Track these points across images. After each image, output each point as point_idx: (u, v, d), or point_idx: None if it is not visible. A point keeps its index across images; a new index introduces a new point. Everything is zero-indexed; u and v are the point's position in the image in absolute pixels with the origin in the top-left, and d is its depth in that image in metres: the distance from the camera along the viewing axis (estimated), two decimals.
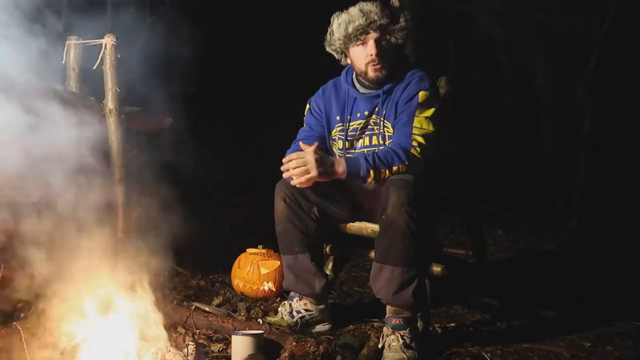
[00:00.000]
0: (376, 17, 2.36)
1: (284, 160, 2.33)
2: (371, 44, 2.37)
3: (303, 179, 2.26)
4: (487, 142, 6.63)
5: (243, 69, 6.44)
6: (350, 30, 2.39)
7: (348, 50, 2.46)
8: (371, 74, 2.41)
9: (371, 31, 2.37)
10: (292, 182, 2.31)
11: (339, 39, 2.44)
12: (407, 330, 2.24)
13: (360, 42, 2.40)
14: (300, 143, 2.38)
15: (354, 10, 2.40)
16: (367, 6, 2.38)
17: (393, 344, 2.21)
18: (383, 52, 2.38)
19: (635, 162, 5.97)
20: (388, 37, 2.39)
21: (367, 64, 2.40)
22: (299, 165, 2.26)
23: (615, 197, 5.79)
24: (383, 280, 2.25)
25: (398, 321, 2.25)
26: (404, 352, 2.19)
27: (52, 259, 2.08)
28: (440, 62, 6.73)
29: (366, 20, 2.36)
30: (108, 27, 2.97)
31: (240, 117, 6.11)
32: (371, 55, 2.38)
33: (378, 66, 2.39)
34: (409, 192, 2.18)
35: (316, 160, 2.24)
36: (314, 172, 2.24)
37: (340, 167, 2.26)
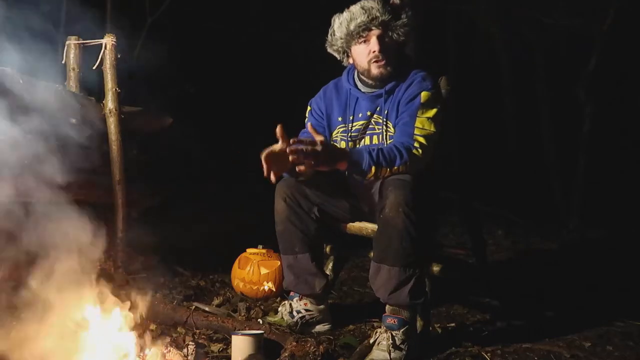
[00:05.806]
0: (378, 14, 2.35)
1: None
2: (374, 40, 2.36)
3: (308, 161, 2.08)
4: (488, 142, 6.64)
5: (244, 69, 6.45)
6: (352, 27, 2.37)
7: (350, 49, 2.44)
8: (374, 71, 2.39)
9: (373, 27, 2.36)
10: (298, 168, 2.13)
11: (341, 38, 2.43)
12: (401, 331, 2.22)
13: (362, 39, 2.38)
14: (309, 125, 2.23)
15: (355, 8, 2.38)
16: (369, 3, 2.37)
17: (382, 342, 2.20)
18: (386, 48, 2.36)
19: (635, 162, 5.97)
20: (390, 33, 2.38)
21: (369, 61, 2.38)
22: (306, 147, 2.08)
23: (615, 196, 5.80)
24: (381, 280, 2.25)
25: (393, 321, 2.24)
26: (389, 353, 2.17)
27: (50, 260, 2.08)
28: (440, 62, 6.74)
29: (368, 16, 2.35)
30: (108, 27, 2.97)
31: (241, 117, 6.11)
32: (374, 51, 2.36)
33: (382, 63, 2.37)
34: (406, 193, 2.17)
35: (320, 143, 2.08)
36: (317, 153, 2.06)
37: (343, 155, 2.16)
